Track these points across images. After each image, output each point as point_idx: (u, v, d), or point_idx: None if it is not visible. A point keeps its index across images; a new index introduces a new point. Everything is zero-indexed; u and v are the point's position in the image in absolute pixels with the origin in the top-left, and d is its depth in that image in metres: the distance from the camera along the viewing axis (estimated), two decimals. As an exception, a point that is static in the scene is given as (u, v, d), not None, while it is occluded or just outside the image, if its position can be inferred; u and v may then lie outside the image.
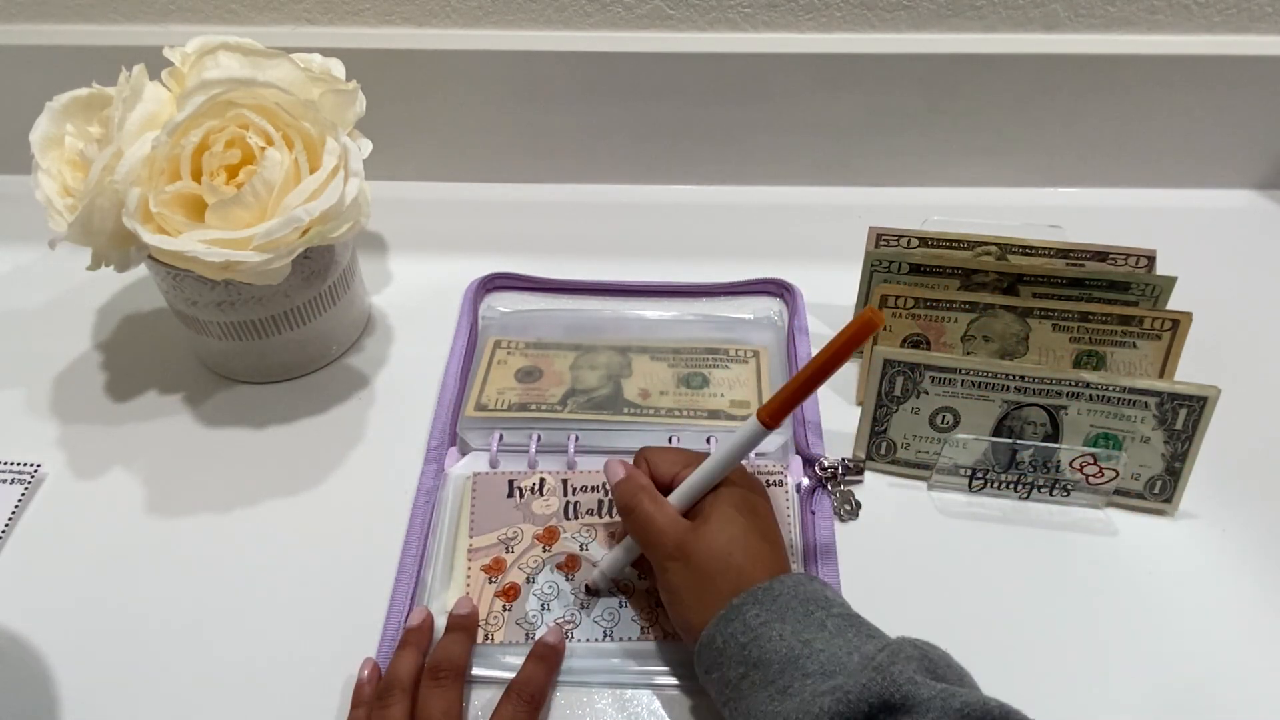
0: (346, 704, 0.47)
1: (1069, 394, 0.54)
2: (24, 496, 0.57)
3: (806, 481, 0.57)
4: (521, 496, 0.56)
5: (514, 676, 0.47)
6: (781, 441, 0.58)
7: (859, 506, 0.57)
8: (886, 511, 0.57)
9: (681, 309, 0.69)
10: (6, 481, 0.58)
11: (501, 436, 0.59)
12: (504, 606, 0.51)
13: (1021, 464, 0.56)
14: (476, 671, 0.49)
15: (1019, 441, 0.55)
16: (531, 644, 0.49)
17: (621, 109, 0.76)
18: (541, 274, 0.71)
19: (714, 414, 0.60)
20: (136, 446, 0.61)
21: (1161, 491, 0.56)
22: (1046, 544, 0.55)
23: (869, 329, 0.42)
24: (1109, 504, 0.56)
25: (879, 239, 0.63)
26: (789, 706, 0.39)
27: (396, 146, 0.77)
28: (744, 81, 0.74)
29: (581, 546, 0.54)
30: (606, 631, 0.50)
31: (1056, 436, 0.56)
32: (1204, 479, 0.55)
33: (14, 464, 0.58)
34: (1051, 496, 0.57)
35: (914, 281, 0.62)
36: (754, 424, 0.46)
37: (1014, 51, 0.73)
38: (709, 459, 0.47)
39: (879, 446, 0.58)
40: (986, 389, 0.55)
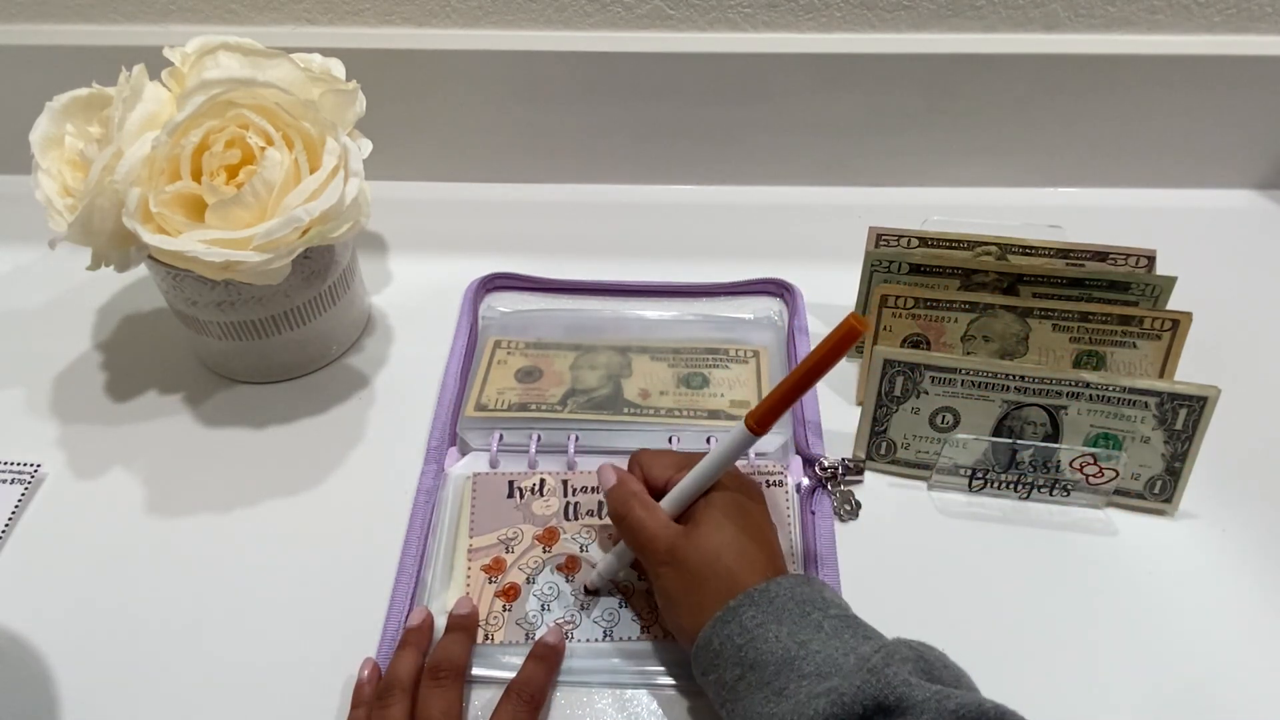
0: (346, 704, 0.47)
1: (1069, 394, 0.54)
2: (24, 496, 0.57)
3: (806, 481, 0.57)
4: (521, 497, 0.56)
5: (514, 676, 0.47)
6: (781, 441, 0.58)
7: (859, 506, 0.57)
8: (886, 511, 0.57)
9: (681, 309, 0.69)
10: (6, 481, 0.58)
11: (501, 436, 0.59)
12: (504, 606, 0.51)
13: (1021, 464, 0.56)
14: (476, 671, 0.49)
15: (1019, 441, 0.56)
16: (531, 644, 0.49)
17: (621, 109, 0.76)
18: (541, 274, 0.71)
19: (714, 414, 0.60)
20: (136, 446, 0.61)
21: (1161, 491, 0.56)
22: (1046, 544, 0.55)
23: (852, 336, 0.42)
24: (1109, 504, 0.56)
25: (879, 239, 0.63)
26: (785, 708, 0.39)
27: (396, 146, 0.77)
28: (744, 81, 0.74)
29: (581, 548, 0.54)
30: (606, 632, 0.50)
31: (1056, 436, 0.56)
32: (1204, 479, 0.55)
33: (14, 464, 0.58)
34: (1051, 496, 0.57)
35: (914, 281, 0.62)
36: (741, 430, 0.46)
37: (1014, 51, 0.72)
38: (700, 464, 0.47)
39: (879, 446, 0.58)
40: (986, 389, 0.55)
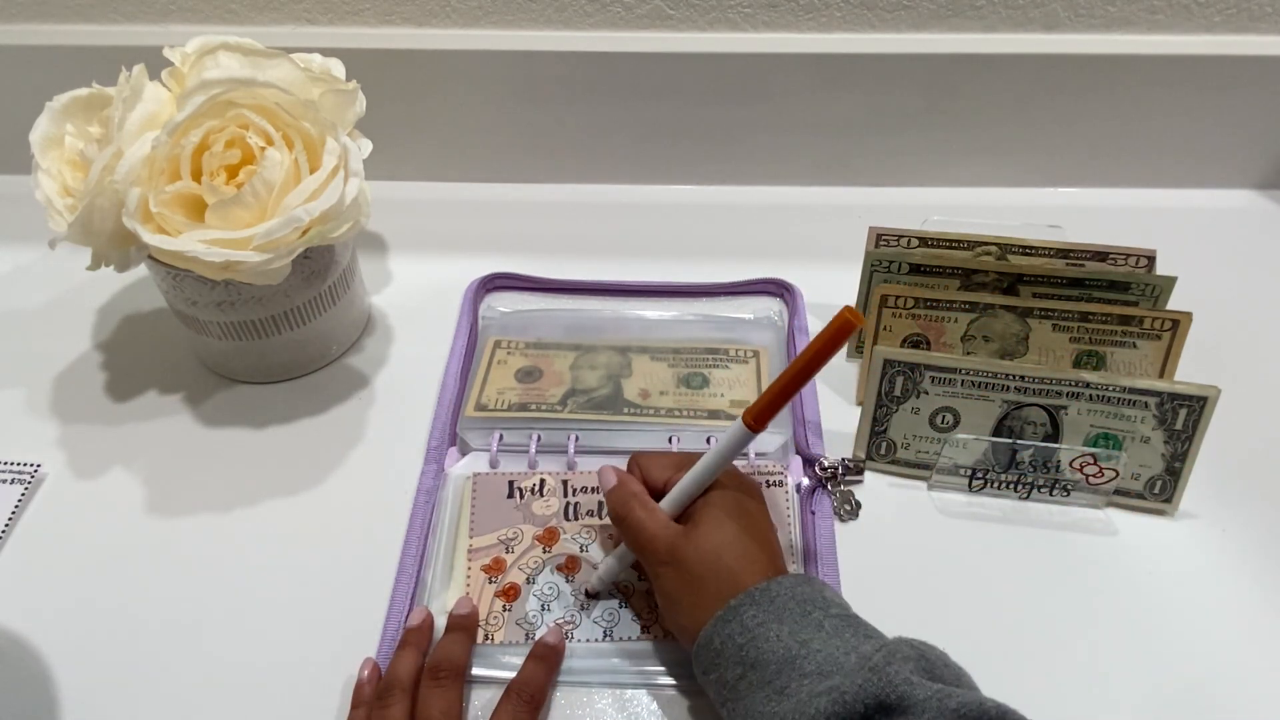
0: (346, 704, 0.47)
1: (1069, 394, 0.54)
2: (24, 496, 0.57)
3: (806, 481, 0.57)
4: (521, 497, 0.56)
5: (514, 676, 0.47)
6: (781, 441, 0.58)
7: (859, 506, 0.57)
8: (886, 511, 0.57)
9: (681, 309, 0.69)
10: (6, 481, 0.58)
11: (501, 436, 0.59)
12: (504, 607, 0.51)
13: (1021, 464, 0.56)
14: (476, 671, 0.49)
15: (1019, 441, 0.56)
16: (531, 644, 0.49)
17: (621, 109, 0.76)
18: (541, 274, 0.71)
19: (714, 414, 0.60)
20: (136, 446, 0.61)
21: (1161, 491, 0.56)
22: (1046, 544, 0.55)
23: (847, 329, 0.42)
24: (1109, 504, 0.56)
25: (879, 239, 0.63)
26: (786, 707, 0.39)
27: (396, 146, 0.77)
28: (744, 81, 0.74)
29: (582, 548, 0.54)
30: (606, 632, 0.50)
31: (1056, 436, 0.56)
32: (1204, 479, 0.55)
33: (14, 464, 0.58)
34: (1051, 496, 0.57)
35: (914, 281, 0.62)
36: (740, 427, 0.46)
37: (1014, 51, 0.73)
38: (698, 463, 0.47)
39: (879, 446, 0.58)
40: (986, 389, 0.55)
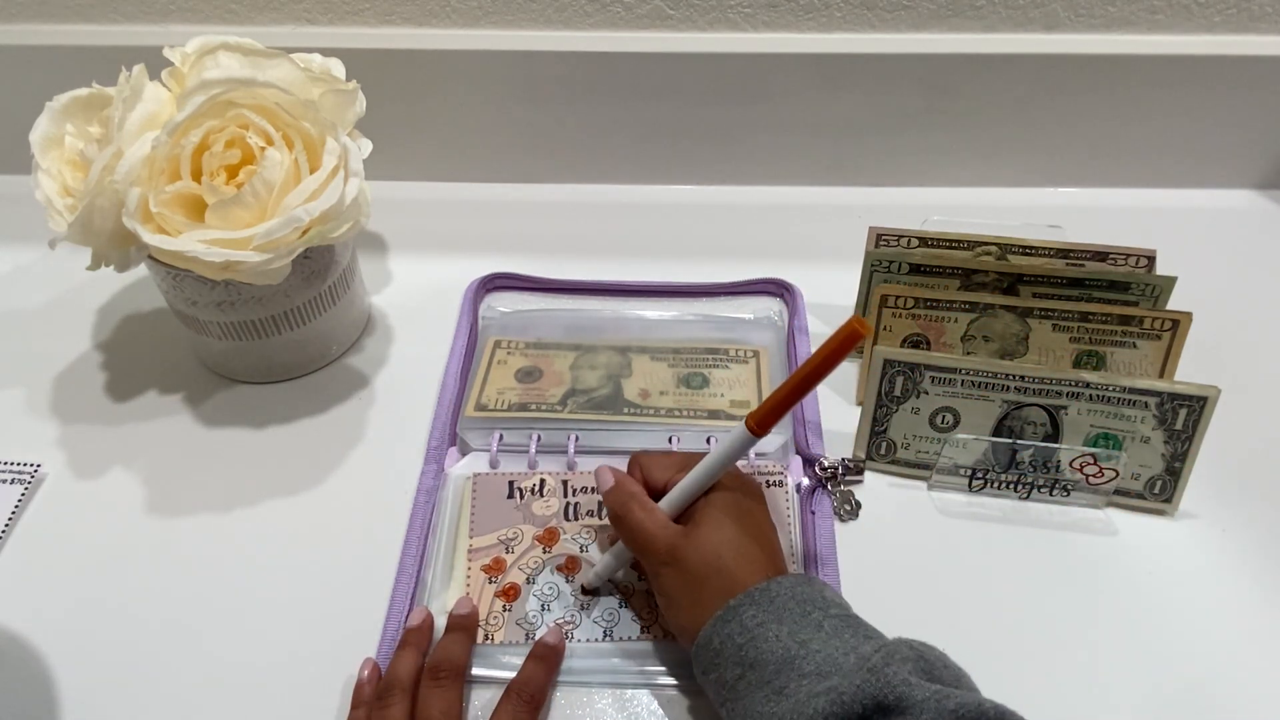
0: (346, 704, 0.47)
1: (1069, 394, 0.54)
2: (24, 496, 0.57)
3: (806, 481, 0.57)
4: (521, 497, 0.56)
5: (514, 676, 0.47)
6: (781, 441, 0.58)
7: (859, 506, 0.57)
8: (886, 511, 0.57)
9: (681, 309, 0.69)
10: (6, 481, 0.58)
11: (501, 436, 0.59)
12: (504, 607, 0.51)
13: (1021, 464, 0.56)
14: (476, 671, 0.49)
15: (1019, 441, 0.55)
16: (531, 644, 0.49)
17: (621, 109, 0.76)
18: (541, 274, 0.71)
19: (714, 414, 0.60)
20: (136, 446, 0.61)
21: (1161, 491, 0.56)
22: (1046, 544, 0.55)
23: (854, 339, 0.42)
24: (1109, 504, 0.56)
25: (879, 239, 0.63)
26: (784, 707, 0.39)
27: (396, 146, 0.77)
28: (744, 81, 0.74)
29: (582, 548, 0.54)
30: (606, 631, 0.50)
31: (1056, 436, 0.56)
32: (1204, 479, 0.55)
33: (14, 464, 0.58)
34: (1051, 496, 0.57)
35: (914, 281, 0.62)
36: (742, 431, 0.46)
37: (1014, 51, 0.72)
38: (699, 464, 0.47)
39: (879, 446, 0.58)
40: (986, 389, 0.55)
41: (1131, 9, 0.72)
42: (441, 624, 0.50)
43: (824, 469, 0.57)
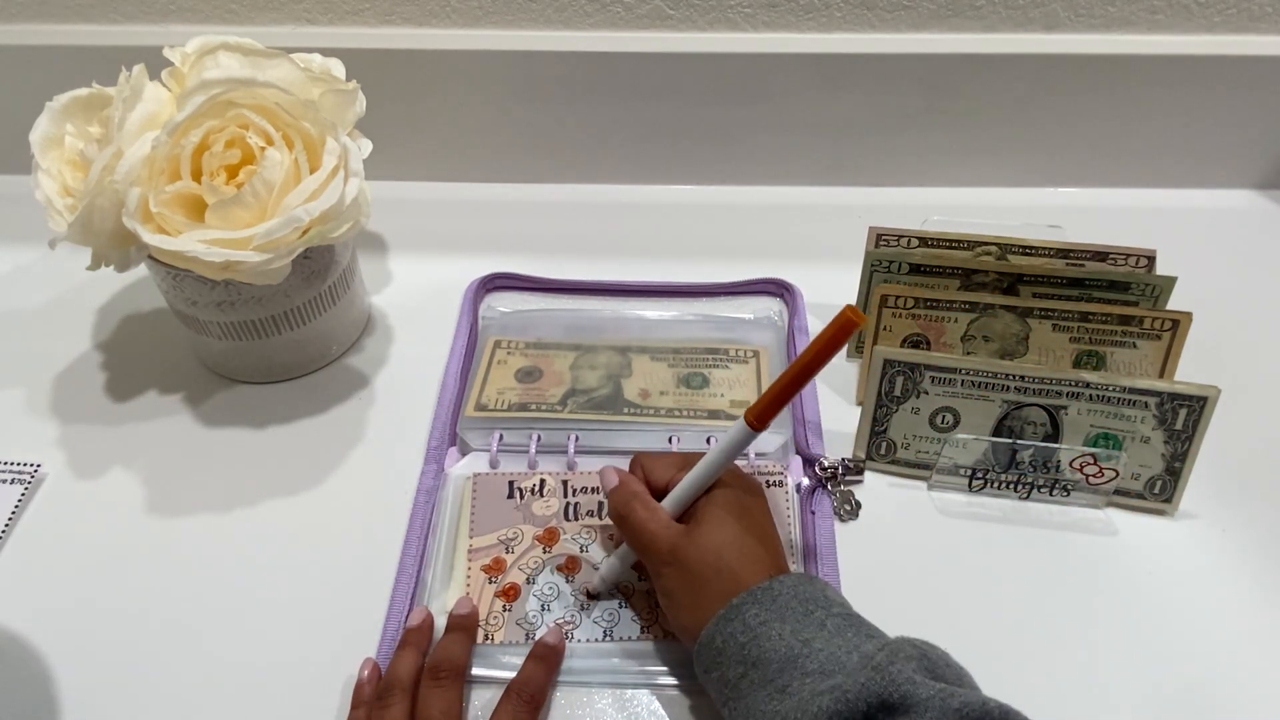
0: (346, 704, 0.47)
1: (1069, 394, 0.54)
2: (24, 496, 0.57)
3: (806, 481, 0.57)
4: (522, 497, 0.56)
5: (514, 676, 0.47)
6: (781, 441, 0.58)
7: (859, 506, 0.57)
8: (886, 511, 0.57)
9: (681, 309, 0.69)
10: (6, 481, 0.58)
11: (501, 436, 0.59)
12: (504, 607, 0.51)
13: (1021, 464, 0.56)
14: (476, 671, 0.49)
15: (1019, 441, 0.56)
16: (531, 644, 0.49)
17: (621, 109, 0.76)
18: (541, 274, 0.71)
19: (714, 414, 0.60)
20: (136, 446, 0.61)
21: (1161, 491, 0.56)
22: (1046, 544, 0.55)
23: (849, 328, 0.42)
24: (1109, 504, 0.56)
25: (879, 239, 0.63)
26: (787, 706, 0.39)
27: (396, 146, 0.77)
28: (744, 81, 0.74)
29: (582, 548, 0.54)
30: (606, 632, 0.50)
31: (1056, 436, 0.56)
32: (1204, 479, 0.55)
33: (14, 464, 0.58)
34: (1051, 496, 0.57)
35: (914, 281, 0.62)
36: (742, 426, 0.46)
37: (1014, 51, 0.73)
38: (700, 462, 0.47)
39: (879, 446, 0.58)
40: (986, 389, 0.55)
41: (1131, 9, 0.72)
42: (441, 624, 0.50)
43: (824, 469, 0.57)
